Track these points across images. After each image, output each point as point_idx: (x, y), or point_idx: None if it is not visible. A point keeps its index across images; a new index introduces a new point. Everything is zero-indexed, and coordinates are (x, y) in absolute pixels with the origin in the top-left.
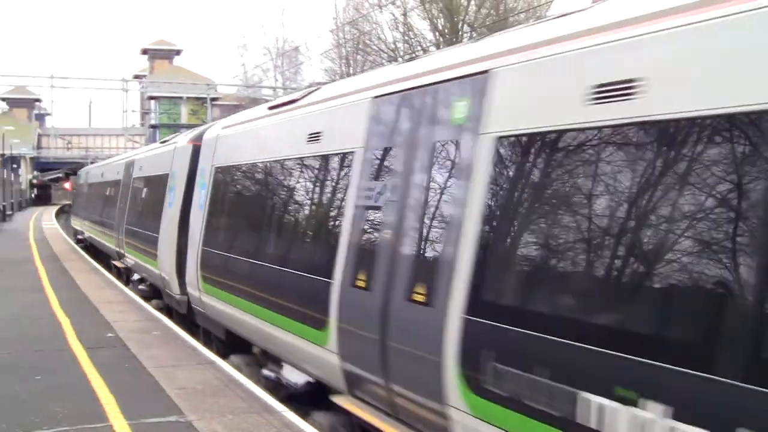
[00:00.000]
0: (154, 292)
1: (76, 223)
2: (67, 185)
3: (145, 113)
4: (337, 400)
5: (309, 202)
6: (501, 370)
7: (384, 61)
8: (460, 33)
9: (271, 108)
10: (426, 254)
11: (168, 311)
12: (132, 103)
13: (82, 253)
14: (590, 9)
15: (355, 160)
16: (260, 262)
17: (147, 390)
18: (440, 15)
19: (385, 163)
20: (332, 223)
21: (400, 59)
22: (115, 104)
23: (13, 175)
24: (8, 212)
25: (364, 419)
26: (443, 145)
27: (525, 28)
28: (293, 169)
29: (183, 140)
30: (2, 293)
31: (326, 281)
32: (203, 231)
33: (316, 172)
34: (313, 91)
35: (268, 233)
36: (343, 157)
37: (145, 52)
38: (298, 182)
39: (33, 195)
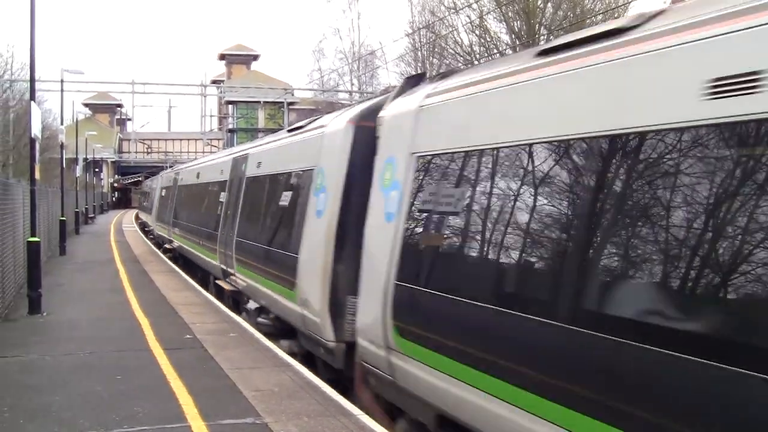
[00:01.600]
0: (281, 330)
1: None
2: None
3: (222, 118)
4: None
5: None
6: None
7: (460, 64)
8: (536, 35)
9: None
10: None
11: (307, 359)
12: (210, 107)
13: (161, 255)
14: None
15: None
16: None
17: (224, 391)
18: (517, 17)
19: None
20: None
21: (475, 62)
22: (194, 109)
23: (95, 178)
24: (90, 215)
25: None
26: None
27: None
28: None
29: (339, 122)
30: (86, 294)
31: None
32: (398, 255)
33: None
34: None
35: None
36: None
37: (222, 57)
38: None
39: (114, 198)
